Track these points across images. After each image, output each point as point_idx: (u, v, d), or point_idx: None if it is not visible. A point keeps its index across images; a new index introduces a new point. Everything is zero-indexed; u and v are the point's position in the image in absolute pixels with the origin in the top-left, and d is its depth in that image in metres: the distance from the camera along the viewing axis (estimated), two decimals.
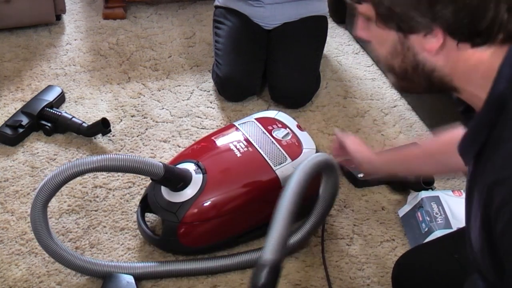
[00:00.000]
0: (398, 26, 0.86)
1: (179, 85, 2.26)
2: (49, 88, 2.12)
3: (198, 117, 2.10)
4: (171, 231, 1.55)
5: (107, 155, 1.37)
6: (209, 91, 2.23)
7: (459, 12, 0.80)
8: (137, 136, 2.00)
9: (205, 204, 1.54)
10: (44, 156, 1.89)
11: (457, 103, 0.96)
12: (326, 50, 2.43)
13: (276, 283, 1.20)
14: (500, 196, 0.79)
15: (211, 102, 2.17)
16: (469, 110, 0.93)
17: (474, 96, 0.88)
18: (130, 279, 1.46)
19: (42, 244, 1.42)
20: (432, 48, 0.85)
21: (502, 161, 0.81)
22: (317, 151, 1.66)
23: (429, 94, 0.96)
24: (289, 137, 1.67)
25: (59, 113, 1.97)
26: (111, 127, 1.97)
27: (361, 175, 1.82)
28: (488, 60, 0.84)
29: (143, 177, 1.80)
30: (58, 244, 1.42)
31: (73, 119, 1.96)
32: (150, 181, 1.64)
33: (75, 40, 2.50)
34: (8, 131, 1.92)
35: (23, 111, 1.99)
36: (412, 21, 0.83)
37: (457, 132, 1.09)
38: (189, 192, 1.54)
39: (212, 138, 1.70)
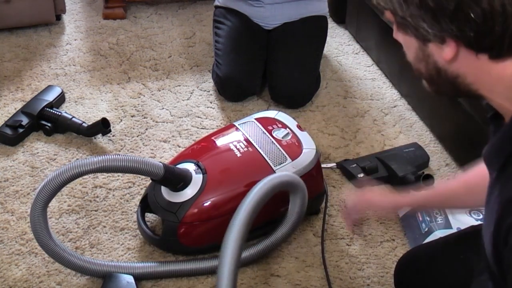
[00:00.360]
0: (415, 34, 0.86)
1: (179, 85, 2.26)
2: (49, 88, 2.12)
3: (198, 117, 2.10)
4: (171, 231, 1.55)
5: (106, 156, 1.37)
6: (209, 91, 2.23)
7: (463, 27, 0.79)
8: (137, 136, 2.00)
9: (205, 204, 1.54)
10: (44, 156, 1.89)
11: (487, 109, 0.94)
12: (326, 50, 2.43)
13: None
14: None
15: (211, 102, 2.18)
16: (498, 116, 0.91)
17: (503, 107, 0.86)
18: (130, 279, 1.46)
19: (42, 245, 1.42)
20: (447, 57, 0.84)
21: None
22: (317, 151, 1.66)
23: (461, 97, 0.95)
24: (289, 137, 1.67)
25: (59, 113, 1.97)
26: (111, 127, 1.97)
27: (361, 175, 1.82)
28: (511, 73, 0.83)
29: (143, 177, 1.80)
30: (58, 244, 1.42)
31: (73, 119, 1.96)
32: (150, 181, 1.64)
33: (75, 40, 2.50)
34: (8, 131, 1.92)
35: (23, 111, 1.99)
36: (424, 31, 0.83)
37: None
38: (189, 192, 1.54)
39: (212, 138, 1.70)
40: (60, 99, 2.10)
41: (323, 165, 1.80)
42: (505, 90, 0.84)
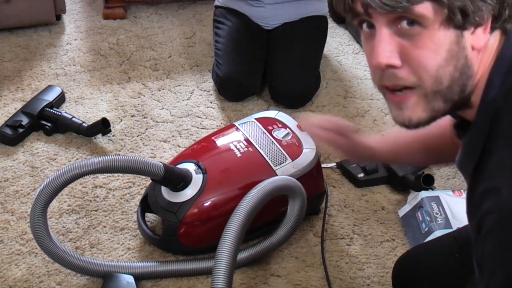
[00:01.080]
0: (459, 22, 0.79)
1: (179, 85, 2.26)
2: (49, 88, 2.12)
3: (198, 117, 2.10)
4: (171, 231, 1.55)
5: (107, 157, 1.37)
6: (209, 91, 2.23)
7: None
8: (137, 136, 2.00)
9: (205, 204, 1.54)
10: (44, 156, 1.89)
11: (454, 117, 0.94)
12: (326, 50, 2.43)
13: None
14: (487, 203, 0.78)
15: (211, 102, 2.17)
16: (464, 123, 0.90)
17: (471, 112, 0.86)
18: (130, 279, 1.46)
19: (41, 246, 1.42)
20: (483, 41, 0.81)
21: (492, 170, 0.79)
22: (317, 151, 1.66)
23: (440, 117, 0.88)
24: (289, 137, 1.67)
25: (59, 113, 1.97)
26: (111, 127, 1.97)
27: (361, 175, 1.82)
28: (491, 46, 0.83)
29: (143, 177, 1.80)
30: (58, 245, 1.42)
31: (73, 119, 1.96)
32: (150, 181, 1.64)
33: (75, 40, 2.50)
34: (8, 131, 1.92)
35: (23, 111, 1.99)
36: (477, 11, 0.78)
37: (444, 121, 1.05)
38: (189, 192, 1.54)
39: (212, 138, 1.70)
40: (60, 99, 2.10)
41: (323, 165, 1.80)
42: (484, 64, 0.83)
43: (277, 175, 1.57)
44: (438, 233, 1.54)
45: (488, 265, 0.79)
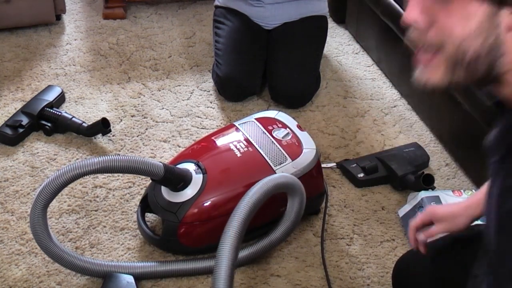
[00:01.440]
0: None
1: (179, 85, 2.26)
2: (49, 88, 2.12)
3: (198, 117, 2.10)
4: (171, 231, 1.55)
5: (107, 157, 1.37)
6: (209, 91, 2.23)
7: None
8: (137, 136, 2.00)
9: (205, 204, 1.54)
10: (44, 156, 1.89)
11: (489, 97, 0.92)
12: (326, 50, 2.43)
13: None
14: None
15: (211, 102, 2.18)
16: (502, 103, 0.88)
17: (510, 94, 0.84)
18: (130, 279, 1.46)
19: (41, 246, 1.42)
20: None
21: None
22: (317, 151, 1.66)
23: (467, 87, 0.88)
24: (289, 137, 1.67)
25: (59, 113, 1.97)
26: (111, 127, 1.97)
27: (361, 175, 1.82)
28: None
29: (143, 177, 1.80)
30: (58, 245, 1.42)
31: (73, 119, 1.96)
32: (150, 181, 1.64)
33: (75, 40, 2.50)
34: (8, 131, 1.92)
35: (23, 111, 1.99)
36: None
37: None
38: (189, 192, 1.54)
39: (212, 138, 1.70)
40: (60, 99, 2.10)
41: (323, 165, 1.80)
42: None
43: None
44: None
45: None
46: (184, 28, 2.62)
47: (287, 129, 1.69)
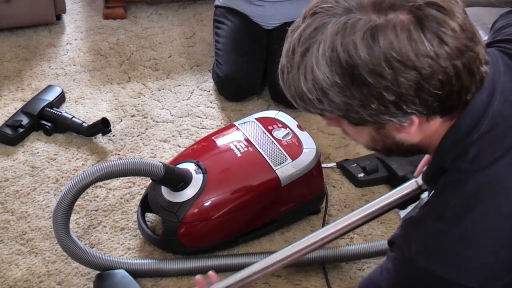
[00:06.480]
0: (371, 125, 0.90)
1: (179, 85, 2.26)
2: (49, 88, 2.12)
3: (198, 117, 2.10)
4: (172, 231, 1.55)
5: (105, 164, 1.38)
6: (209, 91, 2.23)
7: (427, 102, 0.84)
8: (137, 136, 2.00)
9: (205, 204, 1.54)
10: (44, 156, 1.89)
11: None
12: None
13: None
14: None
15: (211, 102, 2.17)
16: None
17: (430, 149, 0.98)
18: (123, 273, 1.47)
19: (62, 246, 1.44)
20: (410, 131, 0.90)
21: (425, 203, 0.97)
22: (317, 151, 1.66)
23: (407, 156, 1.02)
24: (289, 137, 1.67)
25: (59, 113, 1.97)
26: (111, 127, 1.97)
27: (361, 175, 1.82)
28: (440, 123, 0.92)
29: (143, 177, 1.80)
30: (78, 244, 1.44)
31: (73, 119, 1.96)
32: (150, 181, 1.64)
33: (75, 40, 2.50)
34: (8, 131, 1.92)
35: (23, 111, 1.99)
36: (385, 120, 0.87)
37: None
38: (189, 192, 1.54)
39: (212, 138, 1.70)
40: (60, 99, 2.10)
41: (323, 165, 1.80)
42: (438, 137, 0.93)
43: (277, 175, 1.57)
44: None
45: None
46: (184, 28, 2.62)
47: (287, 129, 1.69)
